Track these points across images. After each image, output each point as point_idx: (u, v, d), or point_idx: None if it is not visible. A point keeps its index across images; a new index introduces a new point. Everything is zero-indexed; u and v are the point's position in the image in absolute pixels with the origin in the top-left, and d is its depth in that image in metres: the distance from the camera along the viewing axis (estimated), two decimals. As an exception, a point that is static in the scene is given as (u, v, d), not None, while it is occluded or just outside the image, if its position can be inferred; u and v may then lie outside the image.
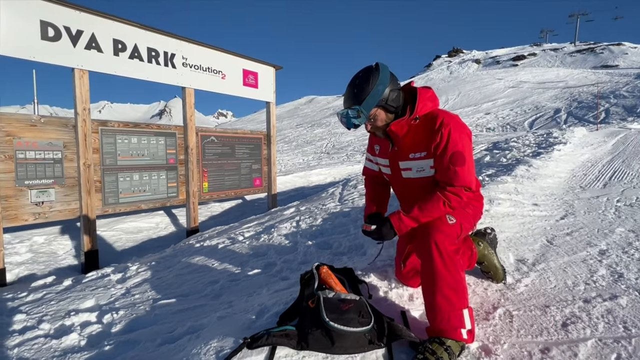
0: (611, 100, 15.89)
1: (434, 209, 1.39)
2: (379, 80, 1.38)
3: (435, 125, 1.41)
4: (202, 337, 1.47)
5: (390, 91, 1.40)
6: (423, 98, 1.47)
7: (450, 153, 1.38)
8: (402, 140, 1.49)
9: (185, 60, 4.82)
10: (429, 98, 1.48)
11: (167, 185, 4.88)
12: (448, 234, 1.33)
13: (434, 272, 1.30)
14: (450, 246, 1.32)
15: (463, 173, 1.38)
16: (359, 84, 1.39)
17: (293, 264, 2.58)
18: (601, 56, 33.12)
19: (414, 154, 1.48)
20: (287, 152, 14.17)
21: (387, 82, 1.39)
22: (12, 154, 3.52)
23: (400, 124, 1.45)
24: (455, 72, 36.75)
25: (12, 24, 3.34)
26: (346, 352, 1.26)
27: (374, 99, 1.38)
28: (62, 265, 4.06)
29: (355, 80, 1.41)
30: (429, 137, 1.42)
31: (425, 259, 1.33)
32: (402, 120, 1.45)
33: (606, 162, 5.31)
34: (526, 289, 1.77)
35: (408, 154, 1.50)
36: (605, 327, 1.41)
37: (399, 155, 1.54)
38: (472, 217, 1.54)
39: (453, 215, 1.42)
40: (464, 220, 1.46)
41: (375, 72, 1.39)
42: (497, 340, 1.38)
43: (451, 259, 1.30)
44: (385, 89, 1.39)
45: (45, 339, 1.86)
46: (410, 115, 1.44)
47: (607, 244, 2.25)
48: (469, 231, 1.56)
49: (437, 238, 1.31)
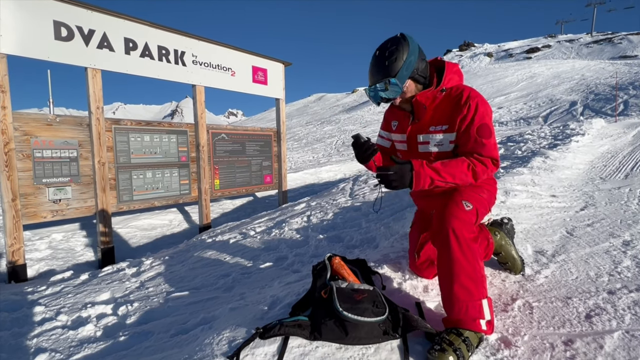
0: (630, 92, 15.34)
1: (457, 168, 1.31)
2: (410, 50, 1.36)
3: (462, 99, 1.38)
4: (214, 328, 1.47)
5: (419, 62, 1.39)
6: (450, 71, 1.46)
7: (478, 125, 1.36)
8: (425, 113, 1.47)
9: (195, 58, 4.85)
10: (455, 72, 1.47)
11: (180, 183, 4.93)
12: (465, 221, 1.28)
13: (451, 260, 1.25)
14: (469, 234, 1.27)
15: (490, 145, 1.35)
16: (389, 55, 1.35)
17: (305, 257, 2.56)
18: (619, 46, 32.01)
19: (435, 127, 1.45)
20: (297, 150, 14.17)
21: (417, 52, 1.38)
22: (30, 153, 3.60)
23: (427, 95, 1.43)
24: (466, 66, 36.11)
25: (27, 24, 3.41)
26: (360, 342, 1.23)
27: (408, 70, 1.36)
28: (80, 261, 4.14)
29: (384, 52, 1.36)
30: (454, 110, 1.40)
31: (443, 247, 1.28)
32: (429, 91, 1.42)
33: (627, 153, 5.11)
34: (546, 280, 1.71)
35: (429, 126, 1.47)
36: (633, 319, 1.34)
37: (419, 128, 1.50)
38: (487, 201, 1.48)
39: (469, 201, 1.36)
40: (480, 205, 1.41)
41: (405, 42, 1.36)
42: (517, 332, 1.34)
43: (469, 247, 1.25)
44: (417, 60, 1.37)
45: (63, 330, 1.89)
46: (437, 87, 1.42)
47: (631, 234, 2.16)
48: (484, 217, 1.51)
49: (455, 225, 1.26)
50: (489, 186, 1.54)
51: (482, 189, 1.48)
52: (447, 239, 1.26)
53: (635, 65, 21.46)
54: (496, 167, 1.39)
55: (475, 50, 42.06)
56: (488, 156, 1.35)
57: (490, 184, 1.56)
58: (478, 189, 1.46)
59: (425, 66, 1.43)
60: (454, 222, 1.26)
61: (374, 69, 1.39)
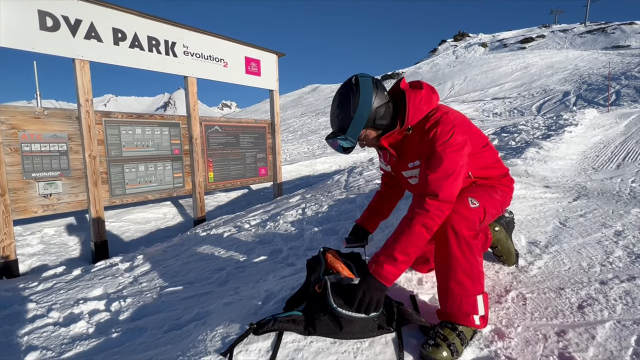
0: (622, 82, 15.44)
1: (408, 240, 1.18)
2: (361, 101, 1.25)
3: (425, 131, 1.28)
4: (208, 324, 1.46)
5: (376, 109, 1.28)
6: (413, 105, 1.31)
7: (429, 157, 1.24)
8: (399, 150, 1.40)
9: (187, 49, 4.75)
10: (421, 101, 1.32)
11: (173, 176, 4.88)
12: (467, 218, 1.23)
13: (448, 256, 1.22)
14: (468, 231, 1.21)
15: (434, 179, 1.20)
16: (340, 109, 1.29)
17: (299, 250, 2.55)
18: (612, 36, 32.08)
19: (413, 163, 1.37)
20: (292, 142, 14.10)
21: (371, 101, 1.26)
22: (18, 147, 3.52)
23: (390, 138, 1.35)
24: (461, 56, 35.98)
25: (11, 14, 3.29)
26: (354, 337, 1.23)
27: (359, 123, 1.27)
28: (72, 255, 4.10)
29: (336, 104, 1.31)
30: (420, 144, 1.31)
31: (440, 242, 1.25)
32: (392, 134, 1.33)
33: (619, 143, 5.16)
34: (539, 271, 1.72)
35: (407, 163, 1.39)
36: (624, 308, 1.36)
37: (399, 165, 1.45)
38: (499, 203, 1.41)
39: (475, 198, 1.30)
40: (489, 205, 1.34)
41: (356, 92, 1.25)
42: (510, 323, 1.34)
43: (468, 243, 1.21)
44: (370, 110, 1.27)
45: (54, 327, 1.87)
46: (402, 127, 1.32)
47: (622, 224, 2.18)
48: (493, 218, 1.46)
49: (454, 221, 1.21)
50: (505, 187, 1.48)
51: (496, 189, 1.42)
52: (445, 234, 1.22)
53: (627, 55, 21.56)
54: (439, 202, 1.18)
55: (470, 40, 41.89)
56: (429, 194, 1.19)
57: (507, 185, 1.50)
58: (491, 189, 1.41)
59: (386, 110, 1.31)
60: (453, 217, 1.22)
61: (330, 118, 1.35)
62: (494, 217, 1.44)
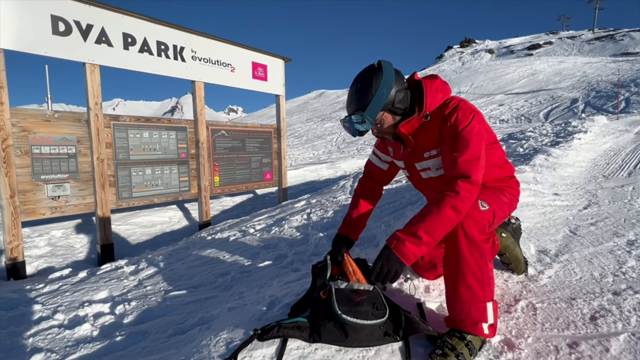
0: (632, 89, 15.25)
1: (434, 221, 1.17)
2: (383, 81, 1.26)
3: (445, 117, 1.29)
4: (212, 329, 1.44)
5: (396, 92, 1.29)
6: (430, 91, 1.32)
7: (453, 139, 1.25)
8: (416, 140, 1.38)
9: (195, 54, 4.80)
10: (437, 89, 1.34)
11: (179, 180, 4.90)
12: (478, 221, 1.21)
13: (458, 260, 1.19)
14: (479, 234, 1.19)
15: (463, 161, 1.21)
16: (361, 88, 1.28)
17: (304, 255, 2.54)
18: (621, 43, 31.81)
19: (430, 152, 1.36)
20: (297, 147, 14.13)
21: (392, 83, 1.27)
22: (28, 149, 3.57)
23: (408, 125, 1.34)
24: (467, 63, 35.92)
25: (24, 19, 3.36)
26: (360, 344, 1.21)
27: (379, 103, 1.27)
28: (79, 258, 4.13)
29: (357, 84, 1.30)
30: (440, 131, 1.31)
31: (450, 244, 1.22)
32: (410, 120, 1.33)
33: (630, 150, 5.08)
34: (549, 280, 1.68)
35: (423, 153, 1.38)
36: (639, 321, 1.32)
37: (413, 157, 1.43)
38: (507, 206, 1.40)
39: (485, 201, 1.30)
40: (498, 208, 1.33)
41: (378, 73, 1.27)
42: (520, 334, 1.31)
43: (479, 247, 1.18)
44: (391, 91, 1.27)
45: (59, 329, 1.87)
46: (420, 114, 1.31)
47: (635, 234, 2.13)
48: (501, 221, 1.44)
49: (465, 223, 1.19)
50: (512, 190, 1.47)
51: (504, 192, 1.41)
52: (455, 237, 1.19)
53: (637, 63, 21.32)
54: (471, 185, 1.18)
55: (477, 46, 41.82)
56: (461, 176, 1.18)
57: (514, 187, 1.49)
58: (498, 191, 1.40)
59: (405, 95, 1.32)
60: (465, 219, 1.19)
61: (348, 99, 1.34)
62: (501, 220, 1.43)
